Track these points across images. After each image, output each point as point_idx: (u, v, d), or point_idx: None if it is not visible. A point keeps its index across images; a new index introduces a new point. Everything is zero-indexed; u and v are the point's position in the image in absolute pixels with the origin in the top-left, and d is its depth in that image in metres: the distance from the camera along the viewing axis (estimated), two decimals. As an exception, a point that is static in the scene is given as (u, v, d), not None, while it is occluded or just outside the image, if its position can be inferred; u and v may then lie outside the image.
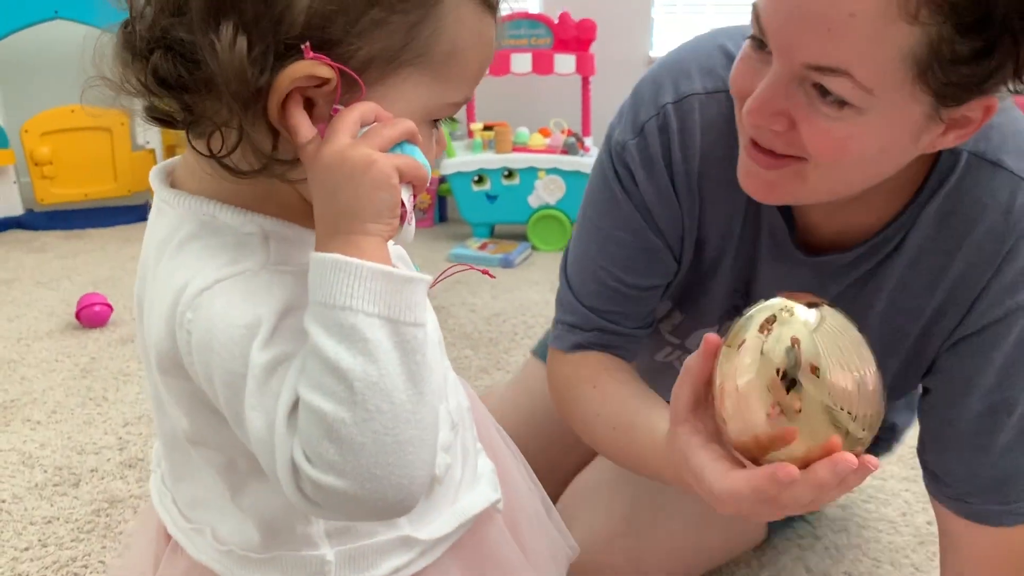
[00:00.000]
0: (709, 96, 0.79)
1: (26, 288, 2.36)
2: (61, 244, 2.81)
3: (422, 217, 3.04)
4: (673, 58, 0.83)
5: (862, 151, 0.64)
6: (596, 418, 0.85)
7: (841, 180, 0.69)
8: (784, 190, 0.70)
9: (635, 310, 0.88)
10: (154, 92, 0.48)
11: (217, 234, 0.52)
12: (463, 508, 0.64)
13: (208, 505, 0.59)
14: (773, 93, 0.64)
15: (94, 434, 1.53)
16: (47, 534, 1.24)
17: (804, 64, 0.61)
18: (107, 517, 1.27)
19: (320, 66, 0.47)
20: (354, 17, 0.47)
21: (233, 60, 0.45)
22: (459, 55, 0.52)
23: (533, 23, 2.73)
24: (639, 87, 0.84)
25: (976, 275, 0.74)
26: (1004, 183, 0.72)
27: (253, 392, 0.48)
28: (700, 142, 0.80)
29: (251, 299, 0.49)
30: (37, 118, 2.95)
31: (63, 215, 3.05)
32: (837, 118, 0.62)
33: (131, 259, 2.63)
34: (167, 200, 0.54)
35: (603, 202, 0.85)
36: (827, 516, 1.27)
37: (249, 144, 0.49)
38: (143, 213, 3.11)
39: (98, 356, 1.88)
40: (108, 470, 1.40)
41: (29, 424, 1.57)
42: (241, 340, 0.48)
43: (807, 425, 0.56)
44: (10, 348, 1.93)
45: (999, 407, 0.76)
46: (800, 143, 0.65)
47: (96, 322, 2.03)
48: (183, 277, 0.50)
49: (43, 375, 1.78)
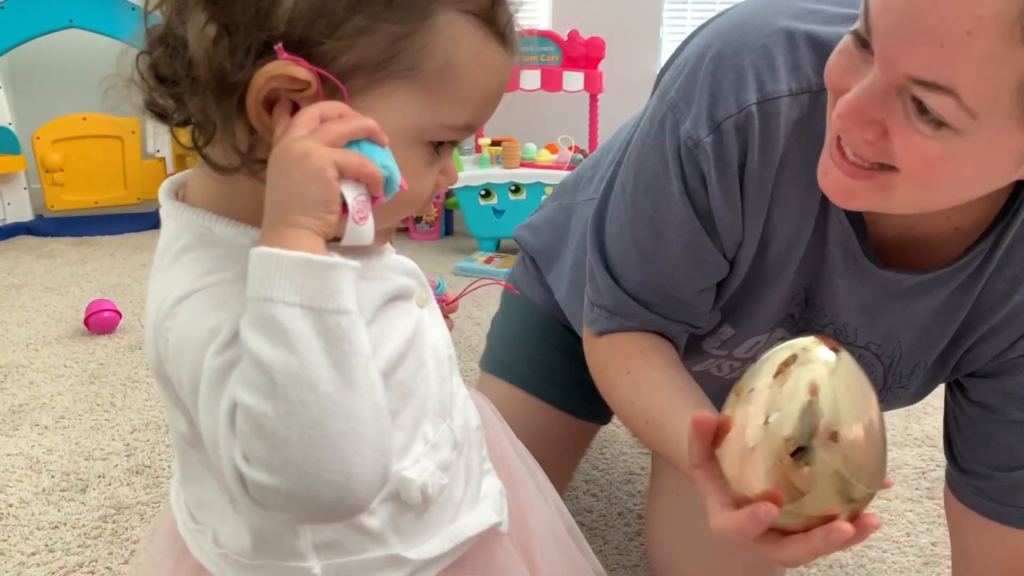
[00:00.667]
0: (794, 98, 0.73)
1: (35, 294, 2.37)
2: (70, 250, 2.83)
3: (428, 230, 3.06)
4: (754, 36, 0.74)
5: (957, 174, 0.61)
6: (632, 407, 0.83)
7: (930, 198, 0.66)
8: (866, 199, 0.67)
9: (682, 308, 0.84)
10: (152, 87, 0.50)
11: (210, 247, 0.52)
12: (461, 529, 0.62)
13: (211, 508, 0.60)
14: (869, 100, 0.60)
15: (101, 440, 1.54)
16: (54, 539, 1.24)
17: (907, 75, 0.57)
18: (114, 523, 1.28)
19: (295, 67, 0.47)
20: (337, 21, 0.48)
21: (201, 45, 0.46)
22: (454, 74, 0.51)
23: (543, 40, 2.75)
24: (715, 67, 0.75)
25: None
26: None
27: (204, 396, 0.47)
28: (782, 148, 0.75)
29: (219, 307, 0.49)
30: (49, 125, 2.98)
31: (73, 222, 3.07)
32: (933, 137, 0.58)
33: (140, 267, 2.64)
34: (169, 212, 0.55)
35: (660, 193, 0.80)
36: (831, 535, 1.27)
37: (228, 141, 0.50)
38: (152, 221, 3.13)
39: (106, 362, 1.89)
40: (115, 476, 1.41)
41: (37, 429, 1.58)
42: (201, 345, 0.48)
43: (812, 495, 0.55)
44: (19, 353, 1.94)
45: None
46: (891, 153, 0.62)
47: (104, 328, 2.04)
48: (167, 287, 0.51)
49: (51, 380, 1.79)
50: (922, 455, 1.52)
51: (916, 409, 1.70)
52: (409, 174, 0.52)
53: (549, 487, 0.80)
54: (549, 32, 2.79)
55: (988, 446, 0.81)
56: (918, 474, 1.46)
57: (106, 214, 3.15)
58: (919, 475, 1.45)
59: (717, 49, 0.75)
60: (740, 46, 0.74)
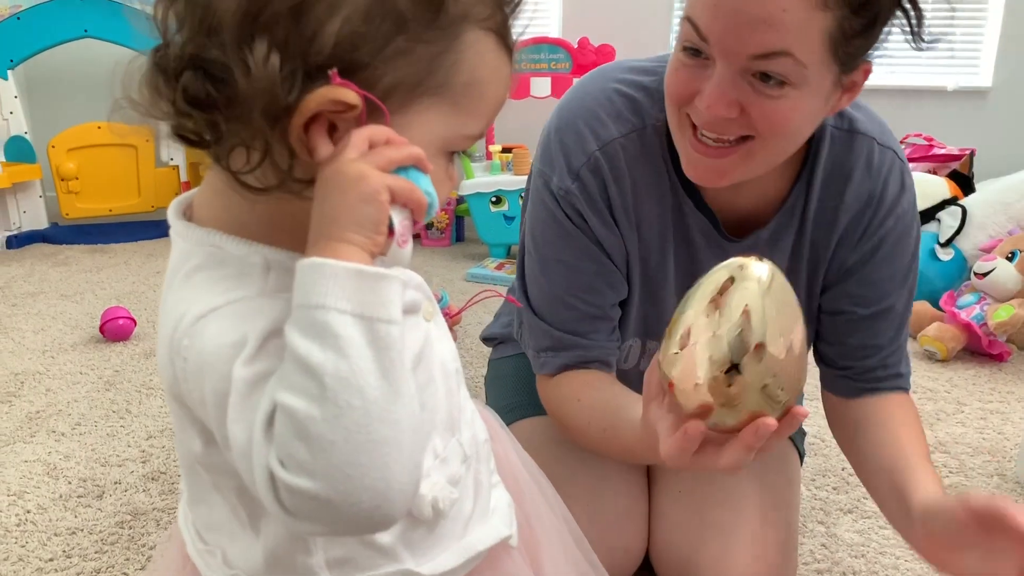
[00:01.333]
0: (625, 138, 0.94)
1: (51, 301, 2.39)
2: (85, 258, 2.85)
3: (439, 236, 3.07)
4: (581, 108, 0.96)
5: (800, 120, 0.81)
6: (588, 427, 0.95)
7: (780, 150, 0.84)
8: (735, 170, 0.84)
9: (604, 326, 0.99)
10: (182, 112, 0.49)
11: (222, 265, 0.53)
12: (471, 543, 0.63)
13: (220, 528, 0.60)
14: (724, 87, 0.77)
15: (117, 446, 1.55)
16: (71, 545, 1.25)
17: (750, 56, 0.75)
18: (130, 529, 1.29)
19: (347, 92, 0.48)
20: (381, 44, 0.49)
21: (265, 76, 0.47)
22: (477, 88, 0.54)
23: (553, 48, 2.76)
24: (560, 135, 0.96)
25: (858, 217, 0.95)
26: (862, 145, 0.94)
27: (235, 406, 0.48)
28: (629, 174, 0.94)
29: (241, 322, 0.50)
30: (64, 134, 3.01)
31: (87, 229, 3.10)
32: (780, 96, 0.77)
33: (154, 274, 2.66)
34: (179, 231, 0.56)
35: (559, 239, 0.97)
36: (845, 542, 1.27)
37: (269, 161, 0.50)
38: (166, 229, 3.14)
39: (121, 369, 1.90)
40: (131, 483, 1.42)
41: (54, 436, 1.59)
42: (227, 359, 0.48)
43: (743, 404, 0.63)
44: (36, 360, 1.96)
45: (882, 312, 0.98)
46: (750, 124, 0.79)
47: (120, 335, 2.06)
48: (183, 307, 0.51)
49: (68, 387, 1.81)
50: (935, 461, 1.51)
51: (929, 415, 1.70)
52: (435, 184, 0.53)
53: (556, 498, 0.81)
54: (560, 40, 2.80)
55: (845, 344, 1.00)
56: (931, 480, 1.45)
57: (120, 222, 3.18)
58: (932, 481, 1.45)
59: (557, 123, 0.97)
60: (573, 115, 0.96)
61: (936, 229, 2.36)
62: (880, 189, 0.94)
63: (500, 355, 1.28)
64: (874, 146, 0.94)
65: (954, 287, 2.20)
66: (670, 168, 0.94)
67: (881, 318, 0.98)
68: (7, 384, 1.83)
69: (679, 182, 0.94)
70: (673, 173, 0.94)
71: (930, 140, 2.81)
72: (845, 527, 1.31)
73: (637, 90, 0.95)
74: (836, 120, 0.93)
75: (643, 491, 1.07)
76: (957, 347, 2.00)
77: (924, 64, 3.27)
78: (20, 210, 3.04)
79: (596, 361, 0.99)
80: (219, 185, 0.54)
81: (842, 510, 1.36)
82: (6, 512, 1.34)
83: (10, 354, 2.00)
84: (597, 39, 2.77)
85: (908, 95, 3.16)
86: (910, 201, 0.97)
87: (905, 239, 0.97)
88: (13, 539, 1.27)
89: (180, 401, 0.53)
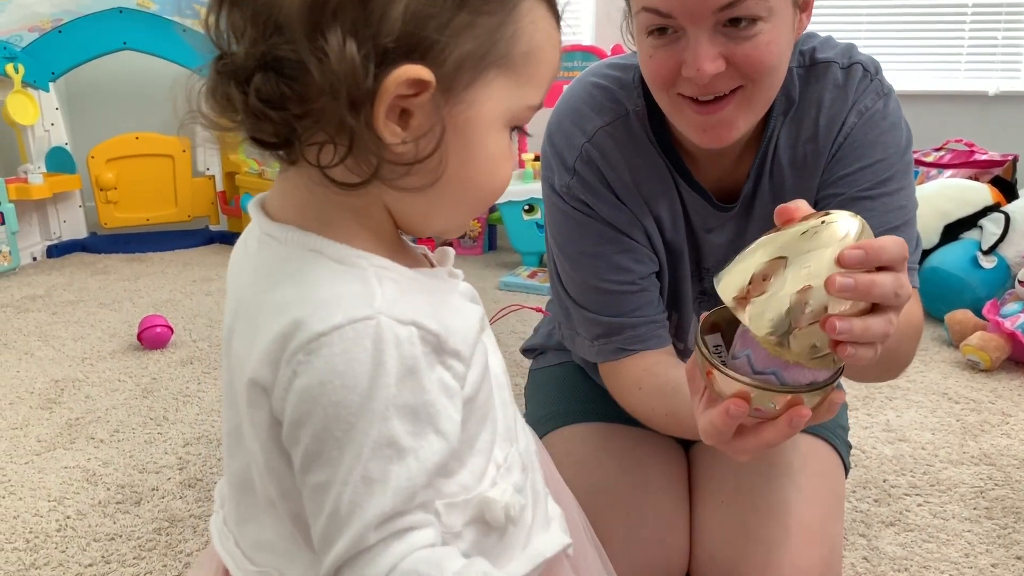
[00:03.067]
0: (611, 125, 0.98)
1: (90, 309, 2.43)
2: (123, 267, 2.89)
3: (472, 245, 3.07)
4: (564, 108, 1.01)
5: (779, 51, 0.84)
6: (653, 413, 0.97)
7: (770, 87, 0.87)
8: (738, 120, 0.87)
9: (644, 299, 1.01)
10: (259, 114, 0.49)
11: (328, 269, 0.52)
12: (536, 551, 0.62)
13: (272, 547, 0.58)
14: (704, 47, 0.81)
15: (155, 453, 1.57)
16: (110, 551, 1.26)
17: (715, 9, 0.79)
18: (168, 536, 1.30)
19: (422, 69, 0.48)
20: (446, 20, 0.49)
21: (345, 65, 0.47)
22: (535, 56, 0.54)
23: (586, 55, 2.76)
24: (551, 139, 1.01)
25: (839, 136, 0.95)
26: (827, 71, 0.96)
27: (357, 460, 0.48)
28: (623, 159, 0.98)
29: (372, 357, 0.49)
30: (103, 145, 3.06)
31: (126, 238, 3.15)
32: (756, 33, 0.81)
33: (191, 282, 2.69)
34: (272, 233, 0.55)
35: (575, 233, 1.00)
36: (887, 555, 1.24)
37: (357, 153, 0.50)
38: (202, 238, 3.20)
39: (159, 377, 1.92)
40: (168, 489, 1.44)
41: (93, 442, 1.61)
42: (357, 408, 0.48)
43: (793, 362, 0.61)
44: (75, 367, 1.99)
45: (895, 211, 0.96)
46: (738, 71, 0.83)
47: (157, 343, 2.08)
48: (296, 314, 0.50)
49: (106, 394, 1.83)
50: (979, 474, 1.48)
51: (972, 426, 1.66)
52: (501, 160, 0.55)
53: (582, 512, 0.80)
54: (593, 47, 2.79)
55: None
56: (976, 493, 1.42)
57: (158, 231, 3.22)
58: (977, 494, 1.41)
59: (548, 129, 1.03)
60: (559, 117, 1.01)
61: (979, 236, 2.31)
62: (851, 102, 0.95)
63: (540, 365, 1.28)
64: (835, 68, 0.96)
65: (997, 295, 2.16)
66: (659, 150, 0.98)
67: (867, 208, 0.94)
68: (48, 391, 1.85)
69: (669, 163, 0.98)
70: (662, 155, 0.98)
71: (971, 146, 2.76)
72: (887, 540, 1.28)
73: (612, 82, 0.99)
74: (797, 59, 0.96)
75: (684, 500, 1.05)
76: (1001, 357, 1.95)
77: (964, 69, 3.21)
78: (60, 220, 3.10)
79: (651, 338, 1.00)
80: (297, 185, 0.54)
81: (884, 523, 1.33)
82: (46, 517, 1.35)
83: (51, 361, 2.03)
84: (631, 46, 2.75)
85: (949, 100, 3.11)
86: (885, 105, 0.95)
87: (877, 134, 0.94)
88: (53, 544, 1.28)
89: (260, 407, 0.52)
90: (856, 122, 0.95)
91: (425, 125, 0.51)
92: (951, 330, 2.09)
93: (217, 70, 0.50)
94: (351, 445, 0.48)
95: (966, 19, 3.20)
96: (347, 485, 0.48)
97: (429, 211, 0.56)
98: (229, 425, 0.59)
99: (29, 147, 2.97)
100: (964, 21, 3.20)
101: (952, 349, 2.09)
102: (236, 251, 0.60)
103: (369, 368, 0.48)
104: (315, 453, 0.49)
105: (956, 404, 1.78)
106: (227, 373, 0.57)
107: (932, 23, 3.21)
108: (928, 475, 1.48)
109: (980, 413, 1.74)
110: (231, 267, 0.59)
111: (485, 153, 0.54)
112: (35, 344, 2.15)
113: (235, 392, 0.55)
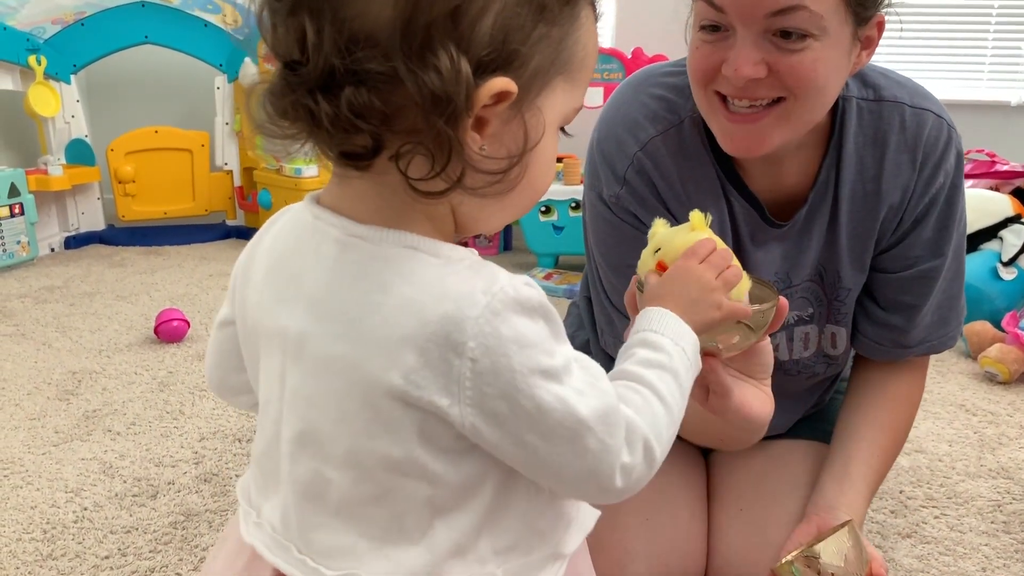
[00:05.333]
0: (664, 135, 0.96)
1: (107, 301, 2.44)
2: (140, 260, 2.91)
3: (487, 245, 3.07)
4: (616, 116, 0.99)
5: (826, 72, 0.83)
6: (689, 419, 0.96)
7: (812, 108, 0.86)
8: (774, 133, 0.86)
9: None
10: (349, 127, 0.49)
11: (431, 264, 0.53)
12: (584, 520, 0.66)
13: (350, 551, 0.57)
14: (748, 50, 0.81)
15: (171, 447, 1.57)
16: (127, 544, 1.27)
17: (767, 14, 0.79)
18: (183, 530, 1.30)
19: (508, 81, 0.50)
20: (528, 32, 0.51)
21: (453, 80, 0.48)
22: (588, 62, 0.57)
23: (606, 57, 2.75)
24: (600, 147, 0.99)
25: (902, 184, 0.95)
26: (892, 111, 0.95)
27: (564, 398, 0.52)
28: (675, 168, 0.96)
29: (529, 316, 0.53)
30: (122, 138, 3.07)
31: (143, 231, 3.16)
32: (804, 48, 0.81)
33: (207, 276, 2.70)
34: (362, 235, 0.54)
35: (621, 244, 0.98)
36: (904, 567, 1.23)
37: (454, 162, 0.51)
38: (220, 232, 3.21)
39: (175, 370, 1.93)
40: (184, 483, 1.44)
41: (110, 435, 1.62)
42: (535, 354, 0.52)
43: None
44: (92, 359, 2.00)
45: (929, 273, 1.00)
46: (779, 82, 0.82)
47: (174, 337, 2.09)
48: (441, 310, 0.51)
49: (123, 387, 1.84)
50: (997, 487, 1.47)
51: (990, 439, 1.65)
52: (550, 161, 0.57)
53: None
54: (613, 50, 2.79)
55: (890, 301, 1.03)
56: (993, 507, 1.41)
57: (175, 225, 3.24)
58: (994, 508, 1.40)
59: (597, 136, 1.01)
60: (610, 125, 0.99)
61: (998, 248, 2.29)
62: (922, 151, 0.95)
63: None
64: (904, 110, 0.95)
65: (1017, 307, 2.14)
66: (712, 158, 0.96)
67: (926, 279, 1.00)
68: (65, 382, 1.86)
69: (722, 171, 0.96)
70: (715, 163, 0.96)
71: (992, 156, 2.74)
72: (903, 552, 1.27)
73: (668, 89, 0.98)
74: (862, 91, 0.95)
75: (702, 507, 1.05)
76: (1020, 369, 1.94)
77: (987, 78, 3.19)
78: (79, 211, 3.11)
79: None
80: (368, 190, 0.54)
81: (900, 534, 1.32)
82: (64, 508, 1.36)
83: (68, 352, 2.04)
84: (651, 49, 2.75)
85: (970, 110, 3.08)
86: (957, 159, 0.97)
87: (954, 197, 0.98)
88: (71, 535, 1.29)
89: (408, 404, 0.52)
90: (943, 183, 0.96)
91: (500, 132, 0.53)
92: (969, 342, 2.08)
93: (287, 80, 0.50)
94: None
95: (989, 28, 3.18)
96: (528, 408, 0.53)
97: (492, 213, 0.58)
98: (293, 431, 0.57)
99: (50, 139, 2.99)
100: (987, 30, 3.18)
101: (970, 361, 2.08)
102: (286, 257, 0.58)
103: (531, 327, 0.53)
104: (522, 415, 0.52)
105: (974, 416, 1.77)
106: (299, 377, 0.56)
107: (955, 32, 3.19)
108: (945, 487, 1.47)
109: (998, 426, 1.72)
110: (278, 271, 0.58)
111: (545, 157, 0.57)
112: (52, 335, 2.16)
113: (320, 396, 0.55)
